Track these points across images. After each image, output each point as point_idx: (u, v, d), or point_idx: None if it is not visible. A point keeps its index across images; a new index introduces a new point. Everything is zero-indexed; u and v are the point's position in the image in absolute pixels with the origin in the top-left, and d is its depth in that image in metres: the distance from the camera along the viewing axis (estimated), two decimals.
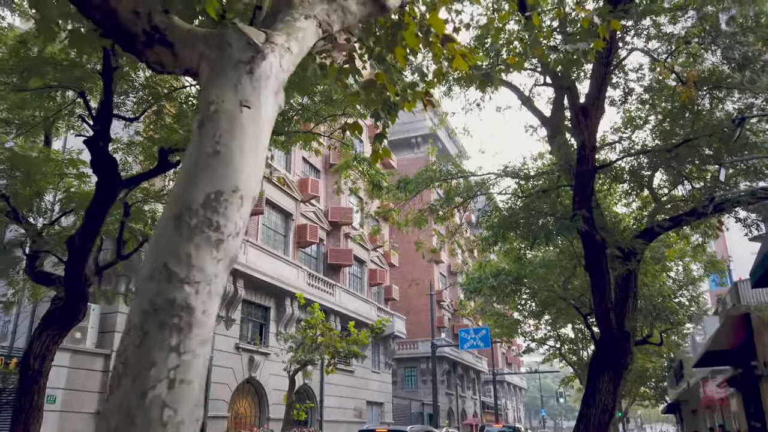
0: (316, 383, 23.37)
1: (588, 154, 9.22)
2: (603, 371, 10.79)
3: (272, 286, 20.17)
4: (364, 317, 26.94)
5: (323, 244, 25.75)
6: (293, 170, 23.20)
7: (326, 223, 25.78)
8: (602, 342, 11.02)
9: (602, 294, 10.42)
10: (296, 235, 22.61)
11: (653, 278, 18.58)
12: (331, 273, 25.82)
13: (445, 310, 43.31)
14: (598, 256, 10.02)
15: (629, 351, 10.94)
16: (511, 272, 21.70)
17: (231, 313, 18.49)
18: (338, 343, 16.16)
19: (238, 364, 18.76)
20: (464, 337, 30.80)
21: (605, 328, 10.78)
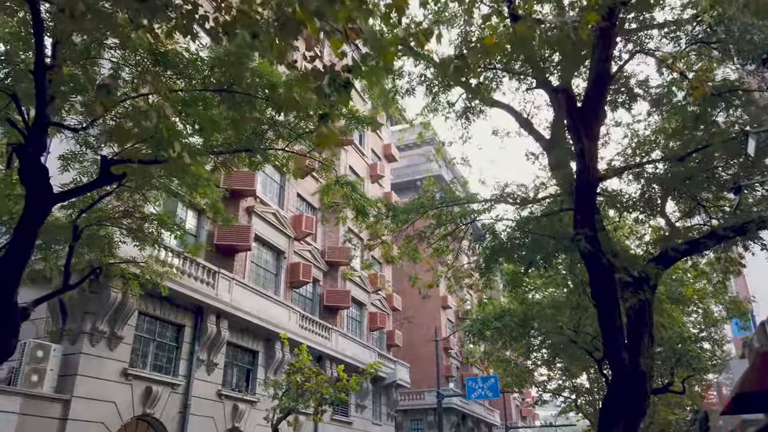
0: None
1: (589, 163, 8.12)
2: (616, 419, 9.34)
3: (260, 328, 18.86)
4: (363, 364, 25.29)
5: (319, 285, 24.50)
6: (286, 206, 22.26)
7: (323, 263, 24.62)
8: (615, 384, 9.61)
9: (612, 328, 9.08)
10: (288, 274, 21.43)
11: (671, 320, 17.04)
12: (327, 316, 24.45)
13: (454, 358, 41.33)
14: (605, 284, 8.75)
15: (646, 395, 9.50)
16: (517, 313, 20.25)
17: (213, 357, 17.14)
18: (324, 389, 14.70)
19: (220, 412, 17.26)
20: (471, 386, 28.92)
21: (618, 368, 9.39)
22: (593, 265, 8.51)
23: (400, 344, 31.47)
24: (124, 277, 10.99)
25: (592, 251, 8.29)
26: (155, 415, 14.93)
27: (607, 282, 8.65)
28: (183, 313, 16.44)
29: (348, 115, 10.12)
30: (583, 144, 7.91)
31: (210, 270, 16.98)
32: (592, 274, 8.64)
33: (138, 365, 14.90)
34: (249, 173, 19.04)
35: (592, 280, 8.74)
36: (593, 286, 8.82)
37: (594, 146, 8.16)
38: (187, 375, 16.18)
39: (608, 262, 8.68)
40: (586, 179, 8.11)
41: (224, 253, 18.44)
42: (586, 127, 7.87)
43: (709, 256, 15.73)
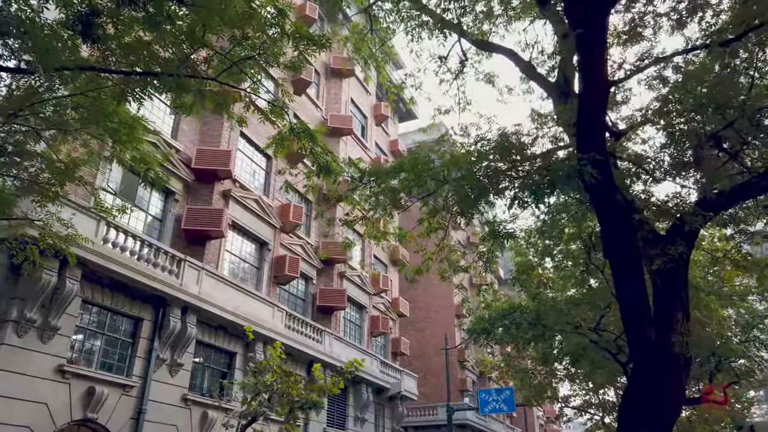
0: None
1: (594, 56, 5.88)
2: (639, 423, 6.95)
3: (238, 326, 16.73)
4: (362, 372, 22.98)
5: (312, 284, 22.35)
6: (273, 194, 20.26)
7: (316, 260, 22.50)
8: (637, 375, 7.23)
9: (631, 294, 6.77)
10: (273, 267, 19.34)
11: (709, 313, 14.42)
12: (321, 318, 22.25)
13: (470, 371, 38.56)
14: (621, 230, 6.45)
15: (681, 388, 7.08)
16: (528, 309, 17.78)
17: (178, 357, 15.07)
18: (294, 390, 12.46)
19: (185, 420, 15.12)
20: (485, 398, 26.30)
21: (640, 350, 7.03)
22: (604, 204, 6.23)
23: (407, 353, 29.00)
24: (21, 242, 8.99)
25: (602, 183, 6.02)
26: (99, 420, 12.86)
27: (623, 228, 6.35)
28: (141, 304, 14.45)
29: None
30: (585, 27, 5.70)
31: (174, 257, 15.01)
32: (603, 217, 6.36)
33: (80, 362, 12.90)
34: (224, 151, 17.15)
35: (604, 226, 6.45)
36: (604, 233, 6.52)
37: (603, 33, 5.94)
38: (143, 376, 14.12)
39: (624, 200, 6.38)
40: (591, 81, 5.89)
41: (194, 240, 16.48)
42: (588, 4, 5.67)
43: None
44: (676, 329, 7.00)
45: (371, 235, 13.09)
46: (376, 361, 24.89)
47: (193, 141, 17.58)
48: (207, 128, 17.86)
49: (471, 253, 12.57)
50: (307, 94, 24.11)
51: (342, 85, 26.98)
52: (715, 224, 10.92)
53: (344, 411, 22.89)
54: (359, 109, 28.20)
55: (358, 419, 23.42)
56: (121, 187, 15.02)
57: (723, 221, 10.45)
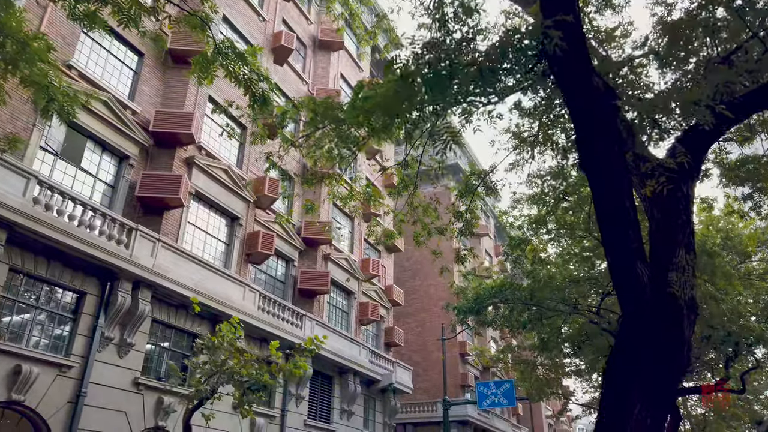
0: None
1: None
2: (631, 386, 5.31)
3: (202, 305, 15.20)
4: (348, 360, 21.43)
5: (293, 266, 20.81)
6: (247, 166, 18.74)
7: (298, 241, 20.96)
8: (626, 326, 5.59)
9: (615, 213, 5.15)
10: (244, 244, 17.83)
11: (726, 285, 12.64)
12: (303, 302, 20.71)
13: (472, 366, 36.79)
14: (599, 124, 4.81)
15: (683, 340, 5.44)
16: (522, 288, 16.09)
17: (128, 336, 13.60)
18: (244, 369, 10.89)
19: (137, 406, 13.64)
20: (483, 392, 24.48)
21: (630, 292, 5.38)
22: (576, 87, 4.59)
23: (401, 343, 27.36)
24: None
25: (572, 55, 4.39)
26: (28, 402, 11.40)
27: (603, 119, 4.70)
28: (84, 276, 13.00)
29: None
30: None
31: (124, 225, 13.54)
32: (575, 105, 4.71)
33: (4, 336, 11.46)
34: (186, 113, 15.68)
35: (577, 119, 4.80)
36: (579, 131, 4.87)
37: None
38: (85, 355, 12.66)
39: (605, 86, 4.74)
40: None
41: (150, 210, 15.01)
42: None
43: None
44: (678, 272, 5.34)
45: (336, 195, 11.55)
46: (365, 351, 23.28)
47: (154, 104, 16.13)
48: (170, 91, 16.41)
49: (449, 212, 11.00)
50: (290, 65, 22.60)
51: (331, 59, 25.45)
52: (737, 137, 9.12)
53: (329, 403, 21.32)
54: (350, 85, 26.63)
55: (345, 412, 21.83)
56: (64, 145, 13.58)
57: (742, 135, 8.71)
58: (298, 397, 19.26)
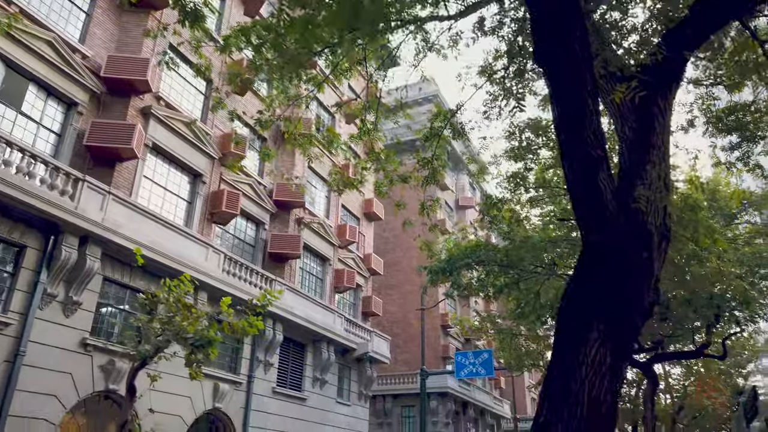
0: (237, 409, 17.14)
1: None
2: (591, 320, 4.55)
3: (161, 265, 14.37)
4: (321, 328, 20.73)
5: (264, 229, 19.95)
6: (213, 121, 17.72)
7: (269, 203, 20.05)
8: (587, 251, 4.79)
9: (576, 117, 4.30)
10: (208, 203, 16.91)
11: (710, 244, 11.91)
12: (274, 266, 19.89)
13: (453, 338, 36.36)
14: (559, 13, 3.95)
15: (655, 270, 4.66)
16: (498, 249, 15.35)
17: (75, 294, 12.74)
18: (190, 326, 10.07)
19: (85, 368, 12.85)
20: (461, 362, 24.02)
21: (591, 209, 4.56)
22: None
23: (379, 312, 26.72)
24: None
25: None
26: None
27: (565, 10, 3.84)
28: (25, 229, 12.07)
29: None
30: None
31: (70, 176, 12.57)
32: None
33: None
34: (141, 59, 14.61)
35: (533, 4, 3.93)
36: (535, 18, 4.01)
37: None
38: (24, 313, 11.79)
39: None
40: None
41: (101, 161, 14.04)
42: None
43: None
44: (646, 182, 4.53)
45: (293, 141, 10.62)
46: (341, 319, 22.59)
47: (108, 49, 15.02)
48: (126, 36, 15.29)
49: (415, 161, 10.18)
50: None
51: None
52: (726, 79, 8.35)
53: (300, 371, 20.68)
54: None
55: (318, 380, 21.21)
56: (1, 86, 12.52)
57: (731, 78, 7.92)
58: (266, 363, 18.57)
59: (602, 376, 4.52)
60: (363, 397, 24.53)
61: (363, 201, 27.22)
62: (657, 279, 4.77)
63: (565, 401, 4.52)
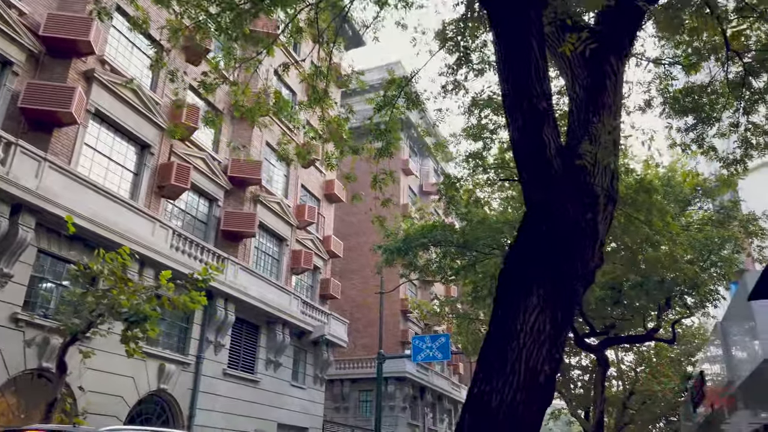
0: (184, 391, 16.57)
1: None
2: (531, 284, 4.23)
3: (102, 238, 13.62)
4: (276, 309, 20.24)
5: (217, 206, 19.27)
6: (162, 89, 16.89)
7: (223, 179, 19.36)
8: (533, 212, 4.49)
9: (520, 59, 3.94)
10: (156, 175, 16.17)
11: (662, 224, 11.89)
12: (227, 245, 19.26)
13: (413, 323, 36.32)
14: None
15: (600, 234, 4.37)
16: (454, 230, 15.11)
17: (5, 265, 11.94)
18: (126, 301, 9.49)
19: (16, 345, 12.10)
20: (418, 345, 23.82)
21: (534, 166, 4.25)
22: None
23: (337, 295, 26.37)
24: None
25: None
26: None
27: None
28: None
29: None
30: None
31: (0, 138, 11.71)
32: None
33: None
34: (84, 18, 13.72)
35: None
36: None
37: None
38: None
39: None
40: None
41: (36, 125, 13.17)
42: None
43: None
44: (593, 137, 4.24)
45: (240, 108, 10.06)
46: (297, 301, 22.12)
47: (49, 6, 14.07)
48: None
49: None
50: None
51: None
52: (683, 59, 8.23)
53: (254, 353, 20.17)
54: None
55: (271, 363, 20.74)
56: None
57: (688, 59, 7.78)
58: (217, 344, 18.01)
59: (541, 344, 4.25)
60: (319, 380, 24.19)
61: (324, 182, 26.70)
62: (602, 243, 4.51)
63: (501, 371, 4.23)
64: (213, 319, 17.65)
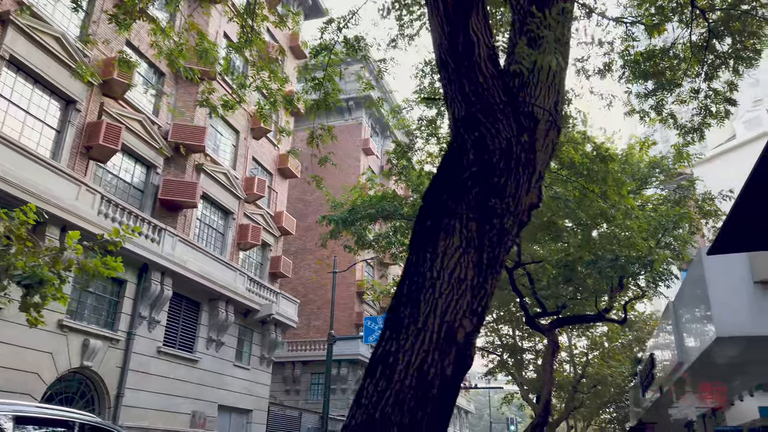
0: (111, 368, 15.40)
1: None
2: (452, 221, 3.32)
3: (15, 200, 12.27)
4: (219, 286, 19.14)
5: (156, 173, 17.98)
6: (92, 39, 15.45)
7: (162, 143, 18.06)
8: (455, 137, 3.60)
9: None
10: (84, 135, 14.82)
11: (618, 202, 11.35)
12: (166, 215, 18.03)
13: (369, 305, 35.63)
14: None
15: (535, 164, 3.51)
16: (404, 203, 14.33)
17: None
18: (20, 262, 8.34)
19: None
20: (369, 326, 23.15)
21: (459, 75, 3.33)
22: None
23: (289, 274, 25.36)
24: None
25: None
26: None
27: None
28: None
29: None
30: None
31: None
32: None
33: None
34: None
35: None
36: None
37: None
38: None
39: None
40: None
41: None
42: None
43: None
44: (532, 40, 3.42)
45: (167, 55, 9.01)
46: (243, 278, 21.06)
47: None
48: None
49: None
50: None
51: None
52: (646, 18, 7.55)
53: (193, 330, 19.07)
54: None
55: (213, 341, 19.68)
56: None
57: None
58: (151, 320, 16.86)
59: (461, 294, 3.45)
60: (266, 361, 23.23)
61: (278, 156, 25.53)
62: (540, 176, 3.73)
63: (411, 327, 3.42)
64: (147, 294, 16.47)
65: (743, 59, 9.38)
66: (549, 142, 3.75)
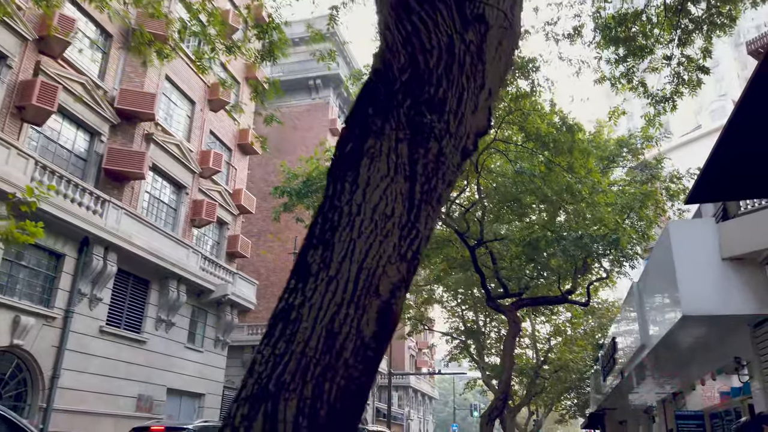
0: (46, 348, 14.33)
1: None
2: (377, 141, 2.46)
3: None
4: (170, 263, 18.13)
5: (101, 141, 16.80)
6: None
7: (108, 110, 16.87)
8: (385, 36, 2.73)
9: None
10: (16, 95, 13.61)
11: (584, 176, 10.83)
12: (111, 187, 16.89)
13: None
14: None
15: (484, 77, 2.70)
16: None
17: None
18: None
19: None
20: None
21: None
22: None
23: (247, 254, 24.41)
24: None
25: None
26: None
27: None
28: None
29: None
30: None
31: None
32: None
33: None
34: None
35: None
36: None
37: None
38: None
39: None
40: None
41: None
42: None
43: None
44: None
45: None
46: (197, 256, 20.06)
47: None
48: None
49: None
50: None
51: None
52: None
53: (141, 310, 18.04)
54: None
55: (163, 322, 18.68)
56: None
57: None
58: (93, 298, 15.80)
59: (386, 234, 2.69)
60: (220, 344, 22.31)
61: (237, 131, 24.43)
62: (491, 93, 3.02)
63: (320, 274, 2.66)
64: (88, 269, 15.40)
65: (718, 25, 8.90)
66: (502, 53, 3.03)
